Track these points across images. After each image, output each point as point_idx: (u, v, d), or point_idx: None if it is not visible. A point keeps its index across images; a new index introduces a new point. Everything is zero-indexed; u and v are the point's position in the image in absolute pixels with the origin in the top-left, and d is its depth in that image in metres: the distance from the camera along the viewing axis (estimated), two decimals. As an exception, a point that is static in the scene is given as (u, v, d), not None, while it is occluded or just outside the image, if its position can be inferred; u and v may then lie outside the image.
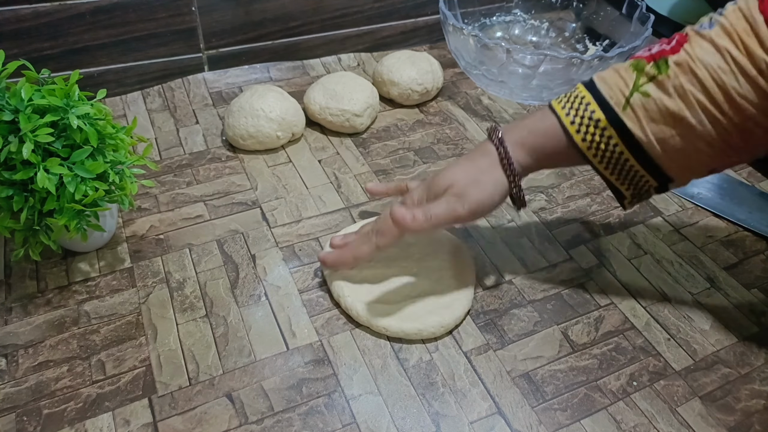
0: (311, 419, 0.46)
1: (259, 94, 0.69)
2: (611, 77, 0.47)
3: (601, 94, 0.47)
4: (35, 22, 0.71)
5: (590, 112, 0.47)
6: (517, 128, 0.51)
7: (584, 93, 0.48)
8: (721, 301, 0.57)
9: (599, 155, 0.47)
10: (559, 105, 0.49)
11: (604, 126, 0.46)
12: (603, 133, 0.47)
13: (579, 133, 0.47)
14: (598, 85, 0.47)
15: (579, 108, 0.47)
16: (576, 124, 0.47)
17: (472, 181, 0.50)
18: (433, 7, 0.91)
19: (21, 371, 0.47)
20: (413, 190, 0.53)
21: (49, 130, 0.46)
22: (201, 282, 0.55)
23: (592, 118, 0.47)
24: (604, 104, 0.47)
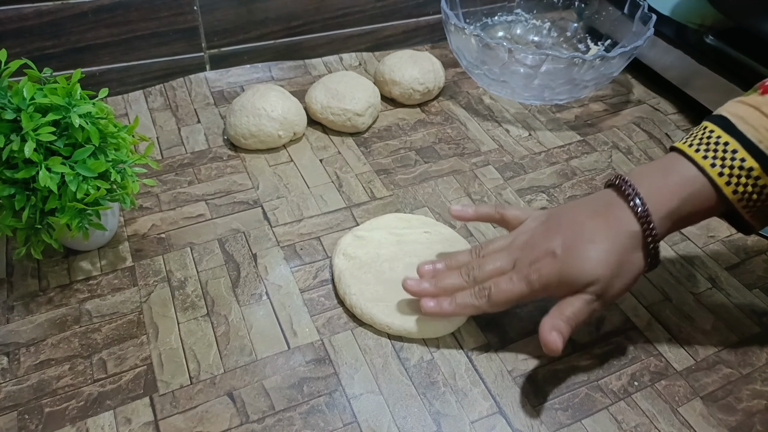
0: (312, 418, 0.46)
1: (261, 93, 0.69)
2: (751, 116, 0.42)
3: (748, 138, 0.42)
4: (37, 21, 0.71)
5: (740, 160, 0.42)
6: (663, 194, 0.44)
7: (726, 138, 0.42)
8: (723, 301, 0.57)
9: (750, 206, 0.43)
10: (701, 156, 0.43)
11: (758, 175, 0.42)
12: (756, 183, 0.42)
13: (729, 185, 0.42)
14: (740, 126, 0.42)
15: (725, 157, 0.42)
16: (725, 175, 0.42)
17: (615, 275, 0.43)
18: (435, 6, 0.91)
19: (22, 370, 0.47)
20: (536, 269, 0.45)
21: (51, 128, 0.46)
22: (202, 281, 0.55)
23: (743, 168, 0.42)
24: (754, 151, 0.42)
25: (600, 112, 0.81)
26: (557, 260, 0.44)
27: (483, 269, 0.48)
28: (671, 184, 0.44)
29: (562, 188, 0.68)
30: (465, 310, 0.48)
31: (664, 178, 0.44)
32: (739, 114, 0.43)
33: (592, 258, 0.43)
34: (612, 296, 0.44)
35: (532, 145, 0.74)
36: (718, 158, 0.42)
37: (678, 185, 0.44)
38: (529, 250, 0.46)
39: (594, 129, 0.77)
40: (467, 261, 0.50)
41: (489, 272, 0.47)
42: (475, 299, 0.47)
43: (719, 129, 0.43)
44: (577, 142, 0.75)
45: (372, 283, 0.54)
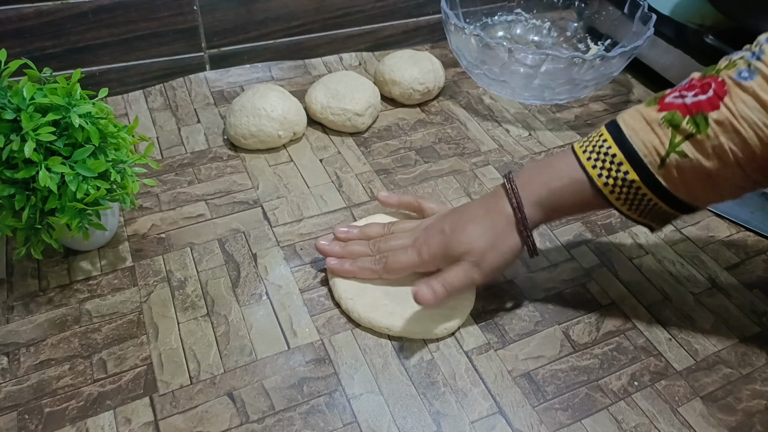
0: (312, 418, 0.46)
1: (261, 93, 0.69)
2: (643, 132, 0.45)
3: (635, 152, 0.45)
4: (37, 21, 0.71)
5: (624, 173, 0.46)
6: (536, 184, 0.49)
7: (615, 150, 0.46)
8: (723, 301, 0.57)
9: (633, 208, 0.47)
10: (589, 162, 0.47)
11: (639, 186, 0.46)
12: (638, 192, 0.46)
13: (613, 194, 0.47)
14: (631, 139, 0.45)
15: (611, 168, 0.46)
16: (610, 185, 0.46)
17: (490, 247, 0.49)
18: (435, 6, 0.91)
19: (22, 370, 0.47)
20: (426, 242, 0.52)
21: (50, 128, 0.46)
22: (202, 281, 0.55)
23: (626, 180, 0.46)
24: (639, 165, 0.45)
25: (600, 112, 0.81)
26: (444, 236, 0.51)
27: (387, 242, 0.55)
28: (547, 176, 0.49)
29: (562, 188, 0.68)
30: (362, 273, 0.54)
31: (545, 171, 0.50)
32: (632, 126, 0.46)
33: (469, 232, 0.50)
34: (488, 266, 0.50)
35: (532, 145, 0.74)
36: (605, 168, 0.47)
37: (556, 179, 0.49)
38: (427, 230, 0.53)
39: (594, 129, 0.77)
40: (377, 234, 0.57)
41: (391, 245, 0.54)
42: (373, 264, 0.54)
43: (611, 139, 0.47)
44: (577, 142, 0.75)
45: (369, 286, 0.54)
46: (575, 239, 0.62)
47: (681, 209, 0.47)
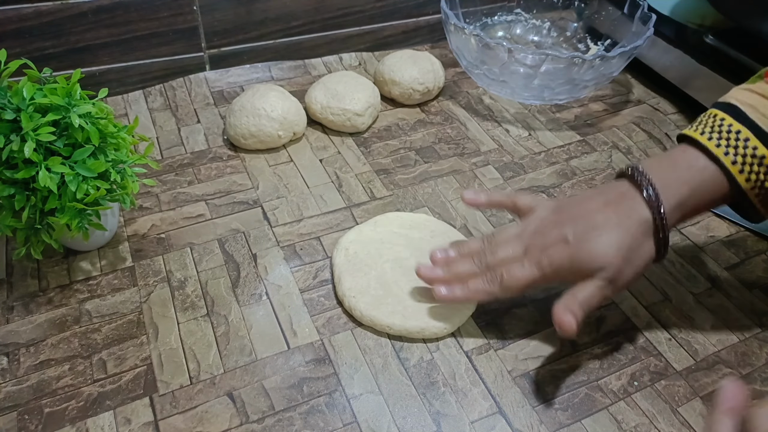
0: (312, 418, 0.46)
1: (261, 93, 0.69)
2: (761, 105, 0.43)
3: (759, 127, 0.42)
4: (37, 21, 0.71)
5: (752, 148, 0.43)
6: (675, 183, 0.44)
7: (738, 126, 0.43)
8: (723, 301, 0.57)
9: (762, 193, 0.44)
10: (714, 145, 0.44)
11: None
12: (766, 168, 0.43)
13: (743, 173, 0.43)
14: (751, 115, 0.43)
15: (738, 146, 0.43)
16: (739, 163, 0.43)
17: (626, 261, 0.44)
18: (435, 6, 0.91)
19: (22, 370, 0.47)
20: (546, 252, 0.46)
21: (50, 129, 0.46)
22: (202, 281, 0.55)
23: (756, 156, 0.43)
24: (766, 139, 0.42)
25: (600, 112, 0.81)
26: (569, 246, 0.45)
27: (495, 255, 0.48)
28: (683, 173, 0.44)
29: (561, 188, 0.68)
30: (477, 296, 0.48)
31: (675, 167, 0.45)
32: (749, 102, 0.43)
33: (603, 244, 0.44)
34: (623, 283, 0.45)
35: (532, 145, 0.74)
36: (731, 146, 0.43)
37: (690, 175, 0.44)
38: (541, 236, 0.47)
39: (594, 129, 0.77)
40: (479, 248, 0.50)
41: (501, 259, 0.48)
42: (487, 285, 0.47)
43: (730, 117, 0.43)
44: (577, 142, 0.75)
45: (372, 285, 0.54)
46: (575, 239, 0.62)
47: None
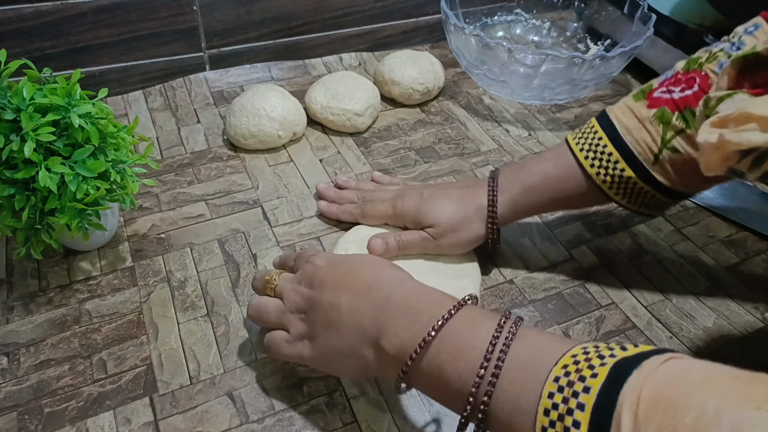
0: (312, 418, 0.46)
1: (261, 93, 0.69)
2: (636, 130, 0.48)
3: (629, 150, 0.48)
4: (37, 22, 0.71)
5: (620, 170, 0.49)
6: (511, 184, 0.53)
7: (611, 149, 0.49)
8: (723, 300, 0.56)
9: (633, 200, 0.51)
10: (587, 161, 0.50)
11: (636, 181, 0.49)
12: (635, 186, 0.49)
13: (612, 189, 0.50)
14: (625, 137, 0.48)
15: (608, 166, 0.49)
16: (608, 182, 0.49)
17: (452, 228, 0.53)
18: (435, 6, 0.91)
19: (22, 370, 0.47)
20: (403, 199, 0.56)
21: (50, 129, 0.46)
22: (202, 281, 0.55)
23: (623, 176, 0.49)
24: (634, 162, 0.48)
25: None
26: (420, 200, 0.55)
27: (373, 194, 0.60)
28: (529, 173, 0.53)
29: (561, 188, 0.68)
30: (343, 215, 0.60)
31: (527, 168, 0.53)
32: (627, 125, 0.49)
33: (440, 208, 0.54)
34: (445, 244, 0.54)
35: (532, 145, 0.74)
36: (603, 167, 0.49)
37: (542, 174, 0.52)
38: (408, 191, 0.57)
39: (594, 129, 0.77)
40: (366, 187, 0.62)
41: (375, 196, 0.59)
42: (353, 209, 0.59)
43: (606, 138, 0.49)
44: (577, 142, 0.75)
45: None
46: (575, 239, 0.62)
47: (676, 197, 0.49)
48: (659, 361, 0.29)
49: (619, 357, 0.30)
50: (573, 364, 0.31)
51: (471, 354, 0.34)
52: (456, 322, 0.36)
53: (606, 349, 0.31)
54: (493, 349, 0.34)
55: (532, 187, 0.52)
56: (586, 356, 0.31)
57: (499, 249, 0.58)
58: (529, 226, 0.63)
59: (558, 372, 0.31)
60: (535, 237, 0.62)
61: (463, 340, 0.35)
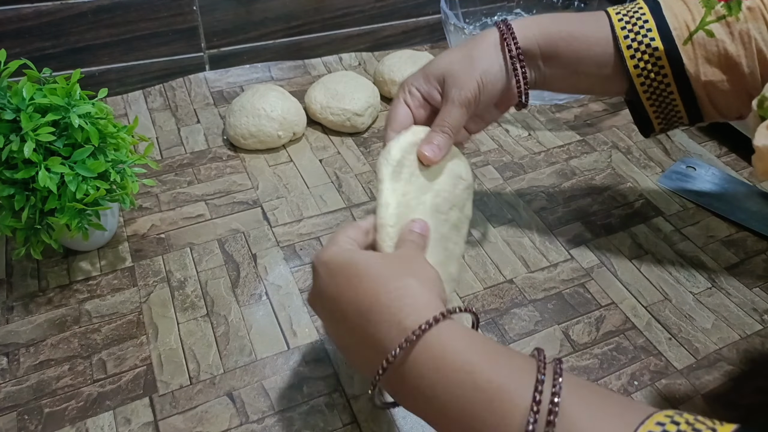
0: (312, 418, 0.46)
1: (261, 93, 0.69)
2: (677, 6, 0.46)
3: (666, 22, 0.46)
4: (37, 22, 0.71)
5: (650, 39, 0.46)
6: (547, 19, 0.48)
7: (648, 16, 0.46)
8: (723, 300, 0.56)
9: (646, 84, 0.47)
10: (617, 18, 0.47)
11: (660, 56, 0.46)
12: (656, 63, 0.46)
13: (633, 59, 0.47)
14: (664, 10, 0.46)
15: (639, 31, 0.46)
16: (632, 49, 0.46)
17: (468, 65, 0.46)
18: (435, 6, 0.91)
19: (22, 370, 0.47)
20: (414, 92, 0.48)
21: (50, 129, 0.46)
22: (202, 281, 0.55)
23: (650, 46, 0.46)
24: (666, 35, 0.46)
25: (599, 112, 0.81)
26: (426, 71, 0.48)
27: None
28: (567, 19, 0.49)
29: (561, 188, 0.68)
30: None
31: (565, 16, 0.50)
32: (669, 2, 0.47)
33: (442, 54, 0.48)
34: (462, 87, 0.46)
35: (532, 144, 0.74)
36: (633, 31, 0.46)
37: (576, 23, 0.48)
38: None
39: (593, 129, 0.77)
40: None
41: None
42: None
43: (647, 7, 0.47)
44: (577, 142, 0.75)
45: None
46: (575, 239, 0.62)
47: (687, 105, 0.47)
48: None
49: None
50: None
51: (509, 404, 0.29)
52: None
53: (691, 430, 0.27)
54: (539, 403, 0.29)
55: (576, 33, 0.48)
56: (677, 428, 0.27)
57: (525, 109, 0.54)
58: (528, 226, 0.63)
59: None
60: (534, 237, 0.62)
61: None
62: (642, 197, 0.67)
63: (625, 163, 0.72)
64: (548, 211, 0.65)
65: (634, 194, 0.68)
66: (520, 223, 0.63)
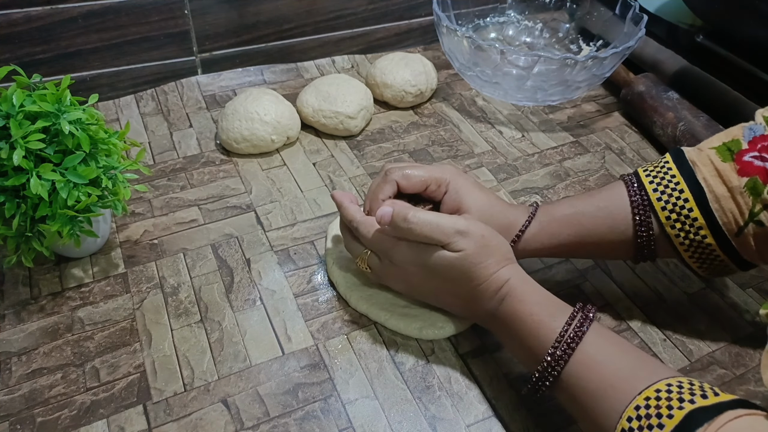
0: (307, 424, 0.45)
1: (254, 97, 0.69)
2: (725, 200, 0.45)
3: (716, 220, 0.46)
4: (27, 27, 0.70)
5: (702, 236, 0.47)
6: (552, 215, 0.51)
7: (697, 214, 0.47)
8: (717, 301, 0.57)
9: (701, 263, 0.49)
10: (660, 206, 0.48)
11: (714, 249, 0.47)
12: (712, 253, 0.48)
13: (687, 252, 0.49)
14: (712, 203, 0.46)
15: (690, 231, 0.47)
16: (686, 245, 0.48)
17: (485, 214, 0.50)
18: (427, 8, 0.91)
19: (14, 379, 0.47)
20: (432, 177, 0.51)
21: (40, 136, 0.45)
22: (195, 287, 0.55)
23: (702, 243, 0.47)
24: (717, 232, 0.46)
25: (593, 113, 0.81)
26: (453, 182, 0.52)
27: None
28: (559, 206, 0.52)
29: (555, 189, 0.68)
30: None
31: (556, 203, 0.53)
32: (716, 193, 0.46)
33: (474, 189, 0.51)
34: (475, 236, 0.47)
35: (526, 146, 0.74)
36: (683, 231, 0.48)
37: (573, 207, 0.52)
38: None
39: (587, 130, 0.78)
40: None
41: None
42: None
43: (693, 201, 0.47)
44: (570, 143, 0.75)
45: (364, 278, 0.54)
46: (569, 240, 0.62)
47: (747, 267, 0.49)
48: (731, 416, 0.32)
49: (696, 405, 0.34)
50: (654, 399, 0.35)
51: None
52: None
53: (688, 393, 0.35)
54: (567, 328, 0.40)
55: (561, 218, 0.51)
56: (668, 395, 0.35)
57: None
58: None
59: (640, 402, 0.35)
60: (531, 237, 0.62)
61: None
62: (635, 198, 0.67)
63: (619, 164, 0.72)
64: (542, 213, 0.65)
65: (627, 195, 0.68)
66: (515, 225, 0.63)
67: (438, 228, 0.44)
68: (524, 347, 0.43)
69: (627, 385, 0.37)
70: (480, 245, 0.44)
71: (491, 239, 0.45)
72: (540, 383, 0.41)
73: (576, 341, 0.39)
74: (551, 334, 0.41)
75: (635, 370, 0.38)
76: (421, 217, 0.44)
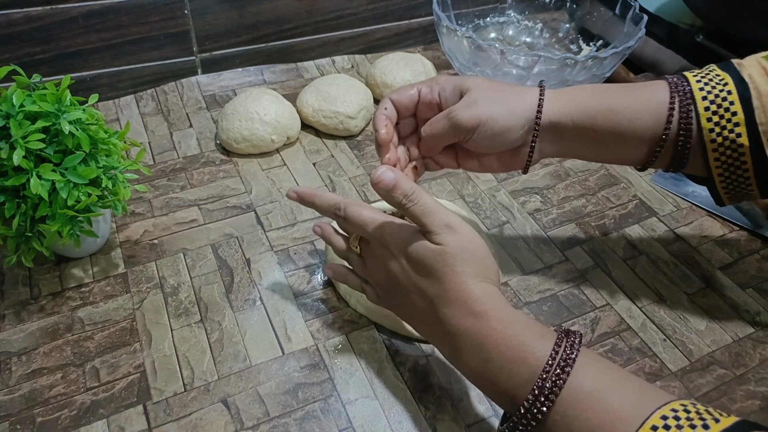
0: (307, 424, 0.45)
1: (254, 97, 0.69)
2: (766, 94, 0.44)
3: (753, 117, 0.44)
4: (27, 27, 0.70)
5: (736, 134, 0.45)
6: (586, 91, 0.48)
7: (737, 106, 0.45)
8: (717, 301, 0.57)
9: (724, 176, 0.47)
10: (704, 107, 0.45)
11: (744, 152, 0.45)
12: (740, 158, 0.46)
13: (716, 152, 0.46)
14: (754, 100, 0.45)
15: (726, 126, 0.45)
16: (716, 143, 0.46)
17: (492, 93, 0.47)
18: (427, 8, 0.91)
19: (14, 379, 0.47)
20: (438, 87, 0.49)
21: (40, 136, 0.45)
22: (195, 287, 0.55)
23: (734, 143, 0.45)
24: (753, 133, 0.44)
25: (592, 113, 0.81)
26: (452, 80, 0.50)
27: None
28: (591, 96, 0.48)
29: (555, 189, 0.68)
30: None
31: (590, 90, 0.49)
32: (759, 89, 0.45)
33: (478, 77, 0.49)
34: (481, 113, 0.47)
35: (526, 146, 0.74)
36: (720, 125, 0.45)
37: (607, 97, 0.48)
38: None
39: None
40: None
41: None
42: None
43: (738, 102, 0.45)
44: (570, 143, 0.75)
45: None
46: (569, 241, 0.62)
47: (766, 191, 0.47)
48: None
49: (711, 430, 0.32)
50: (663, 429, 0.32)
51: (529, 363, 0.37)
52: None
53: (698, 419, 0.32)
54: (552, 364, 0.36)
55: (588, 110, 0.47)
56: (677, 422, 0.32)
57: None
58: (523, 227, 0.63)
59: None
60: (529, 239, 0.62)
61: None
62: (636, 198, 0.67)
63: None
64: (542, 213, 0.65)
65: (627, 195, 0.68)
66: (515, 225, 0.63)
67: (431, 214, 0.42)
68: (504, 371, 0.38)
69: (632, 414, 0.34)
70: (462, 248, 0.41)
71: (478, 250, 0.42)
72: (534, 409, 0.36)
73: (570, 364, 0.36)
74: (540, 356, 0.37)
75: (639, 395, 0.35)
76: (421, 198, 0.42)
